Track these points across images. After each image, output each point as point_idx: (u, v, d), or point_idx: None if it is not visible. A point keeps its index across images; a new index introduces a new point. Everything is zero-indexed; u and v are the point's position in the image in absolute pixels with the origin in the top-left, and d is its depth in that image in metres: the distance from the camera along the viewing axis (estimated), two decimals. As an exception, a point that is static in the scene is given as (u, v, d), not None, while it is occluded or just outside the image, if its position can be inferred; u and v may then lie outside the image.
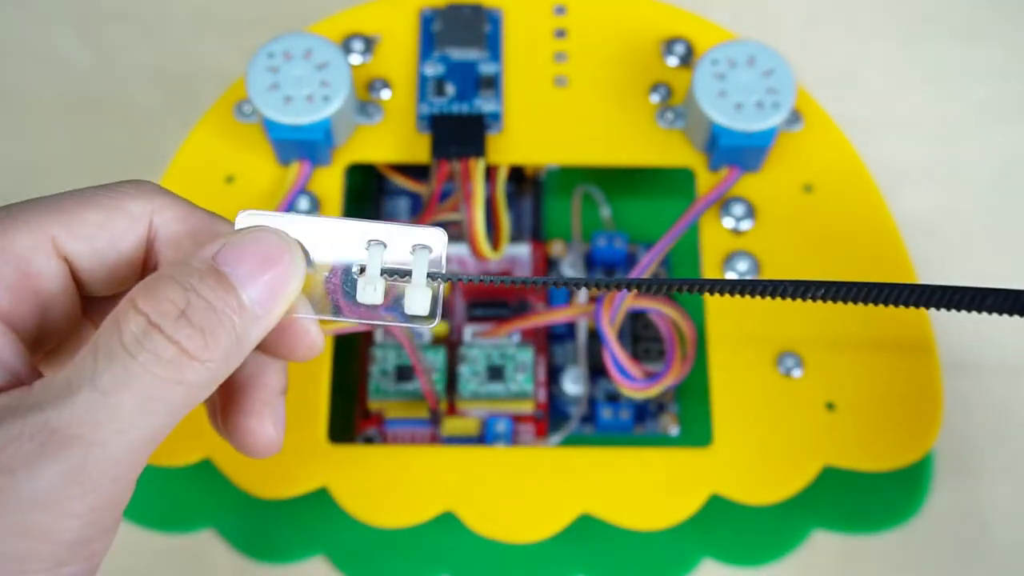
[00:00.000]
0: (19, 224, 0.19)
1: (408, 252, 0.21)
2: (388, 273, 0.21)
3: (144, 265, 0.21)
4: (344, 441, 0.32)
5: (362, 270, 0.21)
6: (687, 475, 0.30)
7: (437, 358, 0.33)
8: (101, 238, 0.20)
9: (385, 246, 0.21)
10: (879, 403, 0.31)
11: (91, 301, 0.21)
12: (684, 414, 0.34)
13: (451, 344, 0.34)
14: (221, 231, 0.21)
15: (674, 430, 0.34)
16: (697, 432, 0.33)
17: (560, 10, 0.36)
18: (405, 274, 0.21)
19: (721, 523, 0.32)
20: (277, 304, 0.19)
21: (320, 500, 0.30)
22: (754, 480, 0.30)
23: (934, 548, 0.33)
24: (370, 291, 0.21)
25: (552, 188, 0.37)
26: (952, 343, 0.32)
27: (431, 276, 0.21)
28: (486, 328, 0.34)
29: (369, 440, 0.33)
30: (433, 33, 0.35)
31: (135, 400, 0.17)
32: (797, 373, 0.31)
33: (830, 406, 0.30)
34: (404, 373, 0.33)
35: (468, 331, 0.34)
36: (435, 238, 0.21)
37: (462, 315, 0.35)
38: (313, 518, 0.33)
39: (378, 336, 0.34)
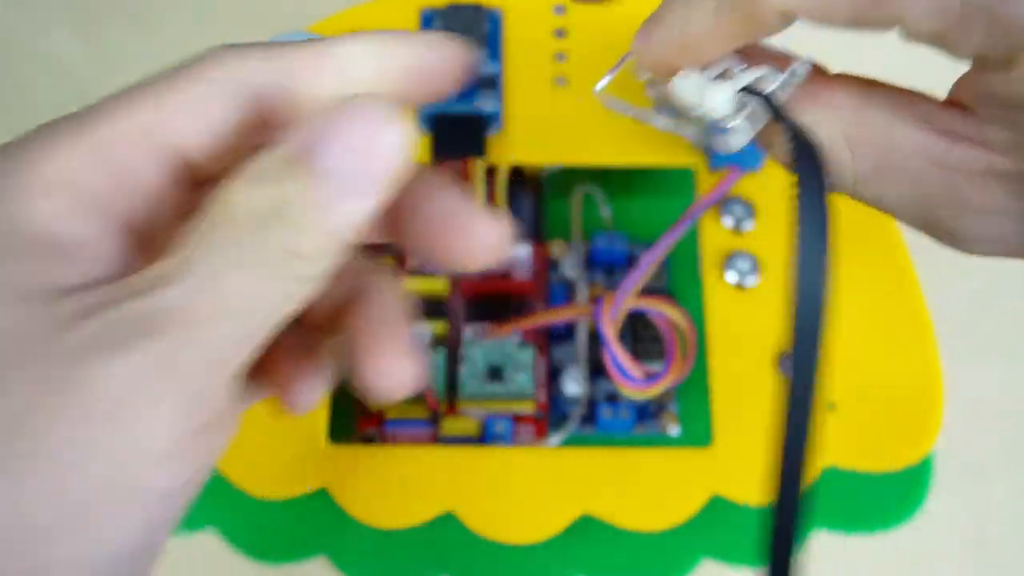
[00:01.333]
0: (105, 117, 0.18)
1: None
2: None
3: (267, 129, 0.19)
4: (344, 441, 0.32)
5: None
6: (687, 475, 0.30)
7: (437, 358, 0.33)
8: (196, 121, 0.18)
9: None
10: (879, 403, 0.31)
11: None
12: (684, 414, 0.34)
13: (451, 344, 0.34)
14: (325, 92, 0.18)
15: (674, 430, 0.34)
16: (697, 432, 0.33)
17: (560, 10, 0.36)
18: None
19: (721, 523, 0.32)
20: (376, 187, 0.17)
21: (320, 500, 0.30)
22: (754, 480, 0.30)
23: (934, 549, 0.33)
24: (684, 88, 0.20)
25: (552, 188, 0.37)
26: (953, 343, 0.32)
27: (746, 90, 0.19)
28: (486, 328, 0.34)
29: (369, 440, 0.33)
30: (433, 33, 0.35)
31: (237, 288, 0.16)
32: (797, 373, 0.31)
33: (830, 406, 0.30)
34: (404, 373, 0.33)
35: (468, 331, 0.34)
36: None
37: (462, 315, 0.35)
38: (313, 518, 0.33)
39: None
